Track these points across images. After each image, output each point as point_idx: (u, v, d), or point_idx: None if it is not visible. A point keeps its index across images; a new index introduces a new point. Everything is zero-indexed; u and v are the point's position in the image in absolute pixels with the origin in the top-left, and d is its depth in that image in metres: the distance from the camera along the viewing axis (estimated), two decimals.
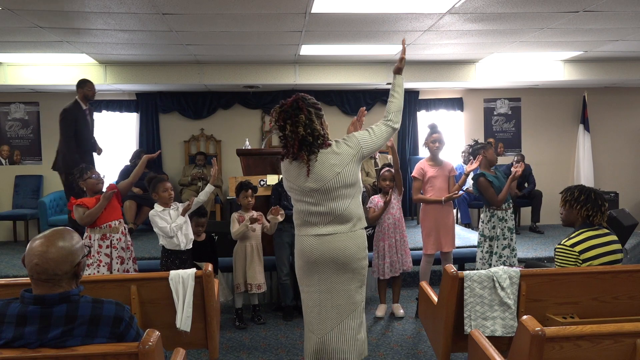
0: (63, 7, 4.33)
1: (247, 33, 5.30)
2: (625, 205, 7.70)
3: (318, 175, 2.72)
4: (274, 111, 2.81)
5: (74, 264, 1.82)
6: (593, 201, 3.03)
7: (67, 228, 1.91)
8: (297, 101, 2.76)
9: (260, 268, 4.56)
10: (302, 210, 2.80)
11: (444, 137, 4.59)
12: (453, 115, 8.58)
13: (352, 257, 2.76)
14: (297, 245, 2.85)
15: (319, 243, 2.75)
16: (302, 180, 2.74)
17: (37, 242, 1.81)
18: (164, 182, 4.15)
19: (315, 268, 2.78)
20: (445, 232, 4.55)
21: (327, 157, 2.74)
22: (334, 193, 2.74)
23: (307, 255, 2.78)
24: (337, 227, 2.75)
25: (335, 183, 2.73)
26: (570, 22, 5.00)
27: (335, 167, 2.73)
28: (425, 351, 3.90)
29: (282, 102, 2.80)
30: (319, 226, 2.76)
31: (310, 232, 2.78)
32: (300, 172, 2.75)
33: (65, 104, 5.72)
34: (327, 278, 2.78)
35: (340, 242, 2.75)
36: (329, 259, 2.75)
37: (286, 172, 2.83)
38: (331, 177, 2.72)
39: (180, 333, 2.89)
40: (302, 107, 2.75)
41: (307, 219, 2.79)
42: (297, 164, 2.76)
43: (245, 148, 5.76)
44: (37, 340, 1.76)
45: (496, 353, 2.15)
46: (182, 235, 4.08)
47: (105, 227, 4.02)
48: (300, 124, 2.71)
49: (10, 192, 7.84)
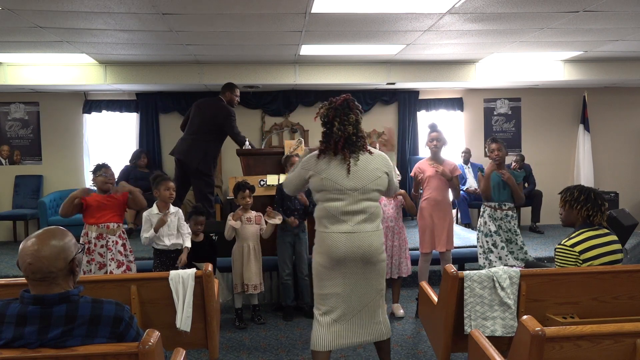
0: (63, 7, 4.33)
1: (247, 33, 5.30)
2: (625, 205, 7.70)
3: (359, 176, 2.90)
4: (323, 107, 2.99)
5: (68, 260, 1.82)
6: (593, 201, 3.03)
7: (59, 227, 1.90)
8: (348, 101, 2.95)
9: (257, 269, 4.56)
10: (334, 207, 2.91)
11: (444, 136, 4.58)
12: (453, 115, 8.57)
13: (376, 251, 2.96)
14: (322, 242, 2.96)
15: (348, 240, 2.89)
16: (342, 178, 2.88)
17: (29, 242, 1.80)
18: (168, 181, 4.20)
19: (342, 264, 2.92)
20: (440, 231, 4.53)
21: (367, 160, 2.94)
22: (370, 194, 2.93)
23: (334, 252, 2.91)
24: (366, 226, 2.93)
25: (373, 185, 2.93)
26: (570, 22, 5.00)
27: (376, 171, 2.95)
28: (425, 351, 3.90)
29: (331, 99, 2.99)
30: (351, 224, 2.90)
31: (340, 229, 2.90)
32: (340, 170, 2.88)
33: (64, 104, 5.71)
34: (354, 273, 2.94)
35: (367, 239, 2.92)
36: (357, 256, 2.91)
37: (322, 170, 2.92)
38: (372, 179, 2.93)
39: (180, 333, 2.89)
40: (353, 107, 2.95)
41: (338, 217, 2.91)
42: (337, 163, 2.90)
43: (245, 148, 5.76)
44: (37, 340, 1.76)
45: (496, 353, 2.15)
46: (166, 237, 4.11)
47: (102, 226, 4.04)
48: (350, 123, 2.89)
49: (10, 192, 7.84)
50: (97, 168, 4.22)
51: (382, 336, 3.08)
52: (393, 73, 7.16)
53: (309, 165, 3.00)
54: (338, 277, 2.95)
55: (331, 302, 2.97)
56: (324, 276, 2.98)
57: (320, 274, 3.00)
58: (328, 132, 2.95)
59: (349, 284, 2.96)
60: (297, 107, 8.34)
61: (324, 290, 2.99)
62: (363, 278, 2.97)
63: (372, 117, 8.42)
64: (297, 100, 8.28)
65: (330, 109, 2.94)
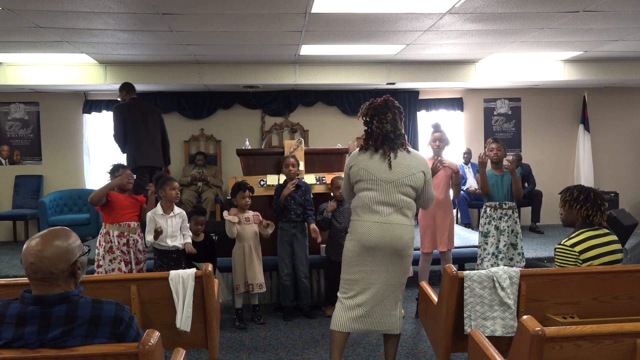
0: (63, 7, 4.33)
1: (247, 33, 5.30)
2: (625, 205, 7.70)
3: (394, 170, 3.05)
4: (364, 106, 3.16)
5: (70, 263, 1.81)
6: (592, 201, 3.03)
7: (64, 228, 1.91)
8: (387, 101, 3.12)
9: (260, 268, 4.57)
10: (368, 197, 3.07)
11: (447, 137, 4.58)
12: (453, 115, 8.57)
13: (405, 245, 3.08)
14: (355, 229, 3.11)
15: (379, 229, 3.03)
16: (378, 170, 3.06)
17: (33, 241, 1.80)
18: (172, 181, 4.23)
19: (371, 251, 3.05)
20: (442, 230, 4.54)
21: (404, 156, 3.09)
22: (403, 189, 3.07)
23: (365, 239, 3.05)
24: (398, 217, 3.06)
25: (406, 180, 3.06)
26: (570, 22, 5.00)
27: (411, 168, 3.08)
28: (425, 351, 3.90)
29: (372, 100, 3.15)
30: (383, 215, 3.04)
31: (372, 219, 3.05)
32: (380, 164, 3.07)
33: (64, 104, 5.72)
34: (381, 261, 3.06)
35: (398, 230, 3.05)
36: (387, 245, 3.03)
37: (361, 161, 3.11)
38: (406, 174, 3.06)
39: (180, 333, 2.89)
40: (391, 107, 3.10)
41: (372, 207, 3.05)
42: (376, 157, 3.09)
43: (245, 148, 5.76)
44: (37, 340, 1.76)
45: (496, 353, 2.15)
46: (168, 238, 4.14)
47: (124, 225, 4.11)
48: (387, 121, 3.07)
49: (10, 192, 7.84)
50: (116, 168, 4.27)
51: (395, 329, 3.16)
52: (393, 73, 7.17)
53: (351, 158, 3.20)
54: (367, 264, 3.08)
55: (358, 287, 3.11)
56: (353, 262, 3.11)
57: (349, 260, 3.13)
58: (369, 130, 3.13)
59: (376, 272, 3.08)
60: (297, 107, 8.34)
61: (352, 275, 3.12)
62: (390, 268, 3.08)
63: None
64: (297, 100, 8.28)
65: (370, 108, 3.12)
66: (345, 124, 8.24)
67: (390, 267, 3.08)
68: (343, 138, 7.72)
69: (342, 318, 3.12)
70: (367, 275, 3.08)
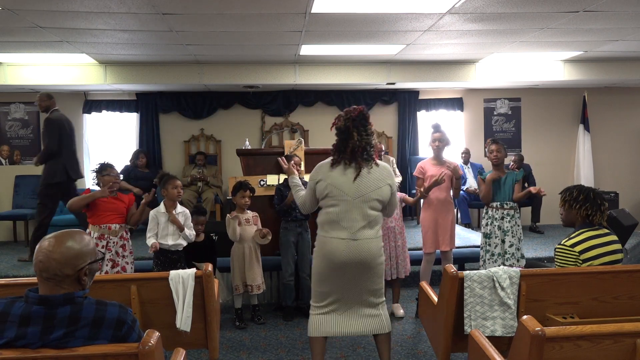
0: (63, 7, 4.33)
1: (247, 33, 5.30)
2: (625, 205, 7.70)
3: (363, 184, 3.01)
4: (341, 117, 3.09)
5: (77, 269, 1.81)
6: (592, 200, 3.03)
7: (80, 230, 1.91)
8: (363, 112, 3.08)
9: (260, 269, 4.57)
10: (336, 212, 3.02)
11: (447, 137, 4.59)
12: (453, 115, 8.57)
13: (375, 256, 3.07)
14: (322, 246, 3.08)
15: (347, 246, 3.00)
16: (351, 188, 3.00)
17: (46, 241, 1.82)
18: (175, 179, 4.22)
19: (341, 268, 3.04)
20: (444, 230, 4.55)
21: (374, 170, 3.07)
22: (371, 203, 3.04)
23: (334, 257, 3.02)
24: (366, 232, 3.04)
25: (374, 195, 3.04)
26: (570, 22, 5.00)
27: (378, 181, 3.06)
28: (425, 351, 3.90)
29: (347, 110, 3.11)
30: (351, 231, 3.01)
31: (340, 235, 3.02)
32: (350, 180, 3.00)
33: (64, 104, 5.72)
34: (352, 277, 3.06)
35: (366, 245, 3.03)
36: (356, 262, 3.02)
37: (329, 176, 3.04)
38: (374, 188, 3.04)
39: (180, 333, 2.89)
40: (368, 118, 3.11)
41: (340, 223, 3.01)
42: (345, 171, 3.03)
43: (245, 148, 5.76)
44: (40, 340, 1.76)
45: (496, 353, 2.15)
46: (170, 236, 4.13)
47: (104, 227, 4.05)
48: (367, 133, 3.05)
49: (10, 192, 7.84)
50: (102, 168, 4.20)
51: (382, 329, 3.16)
52: (393, 73, 7.16)
53: (318, 172, 3.12)
54: (336, 280, 3.07)
55: (330, 298, 3.12)
56: (323, 278, 3.11)
57: (319, 276, 3.13)
58: (344, 142, 3.05)
59: (347, 287, 3.08)
60: (297, 107, 8.34)
61: (322, 288, 3.13)
62: (361, 283, 3.09)
63: (372, 117, 8.27)
64: (297, 100, 8.28)
65: (349, 119, 3.05)
66: None
67: (361, 282, 3.08)
68: None
69: (317, 322, 3.13)
70: (339, 290, 3.09)
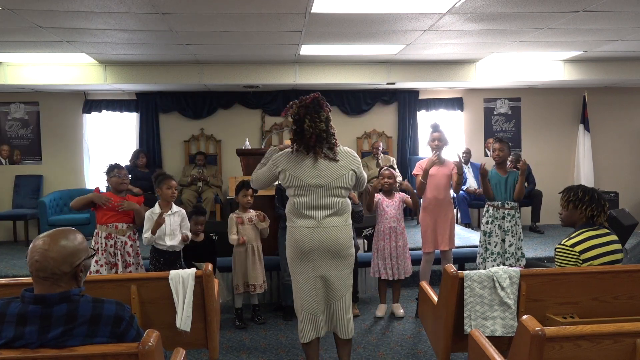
0: (63, 7, 4.33)
1: (247, 33, 5.30)
2: (625, 205, 7.69)
3: (324, 173, 2.99)
4: (294, 105, 3.06)
5: (74, 265, 1.82)
6: (597, 201, 3.02)
7: (72, 229, 1.92)
8: (317, 99, 3.03)
9: (262, 269, 4.57)
10: (300, 202, 3.02)
11: (446, 137, 4.59)
12: (453, 115, 8.57)
13: (344, 245, 3.07)
14: (291, 235, 3.09)
15: (314, 234, 2.99)
16: (307, 175, 2.98)
17: (40, 240, 1.82)
18: (170, 179, 4.22)
19: (310, 256, 3.04)
20: (443, 230, 4.55)
21: (336, 157, 3.03)
22: (335, 191, 3.03)
23: (301, 245, 3.03)
24: (333, 220, 3.03)
25: (337, 183, 3.02)
26: (570, 22, 5.00)
27: (341, 168, 3.03)
28: (425, 351, 3.90)
29: (301, 97, 3.05)
30: (317, 219, 3.00)
31: (306, 224, 3.01)
32: (311, 169, 2.98)
33: (64, 103, 5.71)
34: (322, 265, 3.06)
35: (334, 232, 3.03)
36: (323, 248, 3.02)
37: (290, 167, 3.03)
38: (337, 176, 3.02)
39: (180, 333, 2.89)
40: (323, 105, 3.04)
41: (305, 212, 3.01)
42: (306, 160, 3.00)
43: (245, 148, 5.76)
44: (38, 340, 1.76)
45: (496, 353, 2.15)
46: (167, 236, 4.13)
47: (111, 226, 4.06)
48: (321, 120, 2.98)
49: (10, 192, 7.84)
50: (111, 169, 4.23)
51: (348, 334, 3.17)
52: (393, 73, 7.17)
53: (279, 161, 3.11)
54: (308, 271, 3.08)
55: (303, 295, 3.12)
56: (295, 269, 3.14)
57: (292, 265, 3.15)
58: (299, 130, 3.02)
59: (320, 276, 3.08)
60: None
61: (297, 282, 3.16)
62: (331, 271, 3.08)
63: (372, 117, 8.43)
64: None
65: (301, 107, 3.01)
66: (345, 124, 8.22)
67: (332, 270, 3.07)
68: (343, 138, 7.69)
69: (305, 328, 3.15)
70: (312, 281, 3.08)
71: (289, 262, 3.17)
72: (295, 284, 3.18)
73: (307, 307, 3.12)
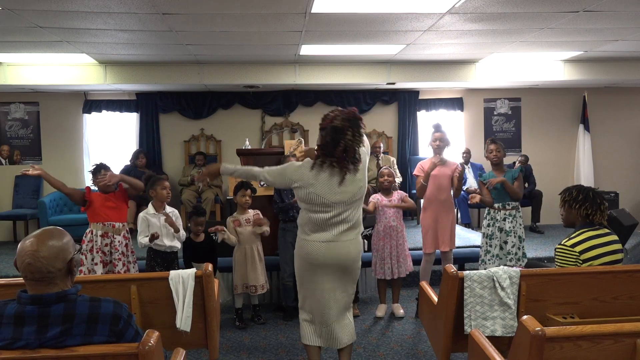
0: (63, 7, 4.33)
1: (247, 33, 5.30)
2: (625, 205, 7.70)
3: (347, 189, 2.92)
4: (337, 115, 2.85)
5: (67, 260, 1.82)
6: (592, 200, 3.03)
7: (57, 227, 1.91)
8: (356, 114, 2.89)
9: (263, 269, 4.57)
10: (320, 219, 2.94)
11: (447, 137, 4.59)
12: (453, 115, 8.57)
13: (354, 260, 3.06)
14: (302, 247, 3.04)
15: (327, 249, 2.96)
16: (335, 194, 2.89)
17: (27, 242, 1.81)
18: (163, 180, 4.23)
19: (320, 270, 2.99)
20: (443, 230, 4.55)
21: (356, 171, 2.96)
22: (354, 204, 2.98)
23: (312, 259, 2.99)
24: (348, 234, 3.00)
25: (356, 196, 2.97)
26: (570, 22, 5.00)
27: (359, 181, 2.97)
28: (425, 351, 3.90)
29: (341, 109, 2.90)
30: (334, 234, 2.96)
31: (321, 238, 2.97)
32: (335, 185, 2.89)
33: (64, 103, 5.71)
34: (332, 279, 3.03)
35: (346, 247, 3.00)
36: (334, 263, 2.99)
37: (310, 184, 2.91)
38: (356, 190, 2.96)
39: (180, 333, 2.89)
40: (361, 120, 2.91)
41: (324, 228, 2.96)
42: (328, 175, 2.89)
43: (245, 148, 5.76)
44: (36, 340, 1.75)
45: (496, 353, 2.15)
46: (165, 237, 4.14)
47: (108, 225, 4.06)
48: (360, 135, 2.89)
49: (10, 192, 7.84)
50: (97, 169, 4.20)
51: (351, 340, 3.16)
52: (393, 73, 7.17)
53: (297, 176, 2.96)
54: (317, 282, 3.05)
55: (309, 306, 3.11)
56: (303, 280, 3.11)
57: (301, 277, 3.13)
58: (333, 142, 2.83)
59: (328, 289, 3.04)
60: (297, 107, 8.34)
61: (303, 292, 3.14)
62: (340, 284, 3.06)
63: (372, 117, 8.42)
64: (297, 100, 8.28)
65: (345, 119, 2.84)
66: None
67: (340, 283, 3.06)
68: None
69: (309, 331, 3.14)
70: (320, 293, 3.04)
71: (297, 272, 3.15)
72: (302, 292, 3.17)
73: (314, 317, 3.11)
